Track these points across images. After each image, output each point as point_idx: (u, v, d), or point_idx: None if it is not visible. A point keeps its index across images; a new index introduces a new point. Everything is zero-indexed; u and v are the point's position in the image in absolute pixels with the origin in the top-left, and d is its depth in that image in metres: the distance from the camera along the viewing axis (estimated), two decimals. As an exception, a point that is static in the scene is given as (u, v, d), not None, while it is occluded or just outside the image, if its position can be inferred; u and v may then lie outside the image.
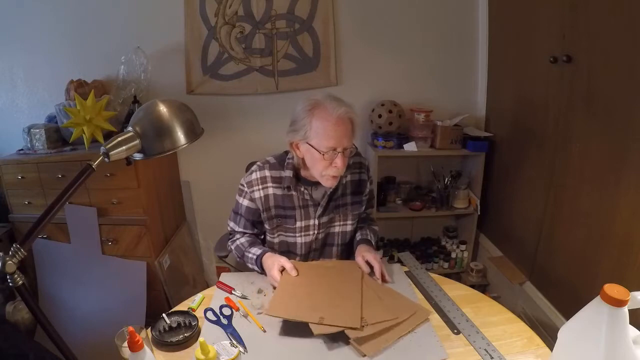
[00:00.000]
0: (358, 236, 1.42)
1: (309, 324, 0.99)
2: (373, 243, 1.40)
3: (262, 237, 1.44)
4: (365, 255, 1.28)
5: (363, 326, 1.00)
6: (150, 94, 2.05)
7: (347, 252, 1.46)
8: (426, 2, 2.19)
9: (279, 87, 2.24)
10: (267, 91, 2.25)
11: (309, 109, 1.17)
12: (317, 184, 1.29)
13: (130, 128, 0.87)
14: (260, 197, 1.31)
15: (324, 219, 1.34)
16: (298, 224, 1.33)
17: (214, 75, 2.22)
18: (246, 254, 1.33)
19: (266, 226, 1.37)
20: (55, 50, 2.15)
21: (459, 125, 2.21)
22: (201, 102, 2.21)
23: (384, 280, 1.23)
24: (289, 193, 1.30)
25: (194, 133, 0.92)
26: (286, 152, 1.33)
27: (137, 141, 0.86)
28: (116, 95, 2.02)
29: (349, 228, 1.40)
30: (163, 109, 0.89)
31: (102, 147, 0.82)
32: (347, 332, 0.97)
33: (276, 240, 1.38)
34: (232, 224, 1.41)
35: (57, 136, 1.99)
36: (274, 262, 1.23)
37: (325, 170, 1.20)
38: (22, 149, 2.00)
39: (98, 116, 1.81)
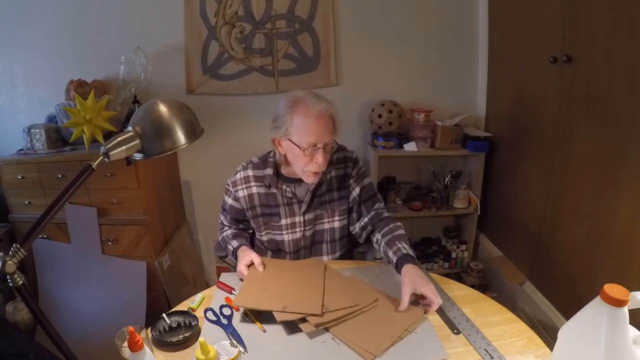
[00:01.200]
0: (392, 255, 1.21)
1: (273, 312, 1.03)
2: (414, 257, 1.21)
3: (251, 231, 1.46)
4: (420, 288, 1.08)
5: (324, 313, 1.05)
6: (150, 94, 2.05)
7: (338, 248, 1.44)
8: (426, 2, 2.19)
9: (279, 87, 2.24)
10: (267, 91, 2.25)
11: (290, 106, 1.19)
12: (299, 180, 1.31)
13: (130, 128, 0.87)
14: (244, 196, 1.34)
15: (310, 216, 1.35)
16: (283, 221, 1.34)
17: (214, 75, 2.22)
18: (227, 246, 1.39)
19: (253, 224, 1.39)
20: (55, 50, 2.15)
21: (459, 125, 2.21)
22: (201, 102, 2.21)
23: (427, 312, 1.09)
24: (271, 191, 1.32)
25: (194, 133, 0.92)
26: (269, 152, 1.35)
27: (137, 141, 0.86)
28: (116, 95, 2.02)
29: (337, 224, 1.39)
30: (163, 109, 0.89)
31: (102, 147, 0.82)
32: (309, 318, 1.02)
33: (265, 238, 1.40)
34: (221, 217, 1.47)
35: (57, 136, 1.99)
36: (243, 257, 1.26)
37: (307, 167, 1.21)
38: (22, 149, 2.00)
39: (98, 116, 1.81)
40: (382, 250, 1.29)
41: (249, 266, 1.24)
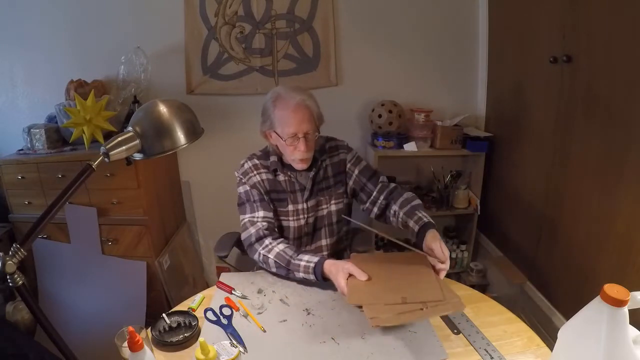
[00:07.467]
0: (413, 224, 1.24)
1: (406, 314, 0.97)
2: (434, 224, 1.23)
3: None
4: (444, 249, 1.12)
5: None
6: (150, 94, 2.05)
7: (335, 232, 1.47)
8: (426, 2, 2.19)
9: (279, 87, 2.24)
10: (267, 91, 2.23)
11: (272, 101, 1.29)
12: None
13: (130, 128, 0.87)
14: (259, 181, 1.37)
15: (312, 203, 1.40)
16: (290, 207, 1.38)
17: (214, 75, 2.22)
18: (293, 261, 1.19)
19: None
20: (55, 50, 2.15)
21: (459, 125, 2.21)
22: (201, 102, 2.21)
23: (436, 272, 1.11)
24: (278, 179, 1.37)
25: (194, 133, 0.92)
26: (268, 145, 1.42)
27: (137, 141, 0.86)
28: (116, 95, 2.01)
29: (333, 207, 1.44)
30: (163, 109, 0.89)
31: (102, 147, 0.82)
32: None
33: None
34: (248, 216, 1.31)
35: (57, 136, 1.99)
36: (338, 269, 1.11)
37: (292, 155, 1.29)
38: (22, 149, 2.00)
39: (98, 116, 1.81)
40: (401, 220, 1.31)
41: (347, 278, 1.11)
